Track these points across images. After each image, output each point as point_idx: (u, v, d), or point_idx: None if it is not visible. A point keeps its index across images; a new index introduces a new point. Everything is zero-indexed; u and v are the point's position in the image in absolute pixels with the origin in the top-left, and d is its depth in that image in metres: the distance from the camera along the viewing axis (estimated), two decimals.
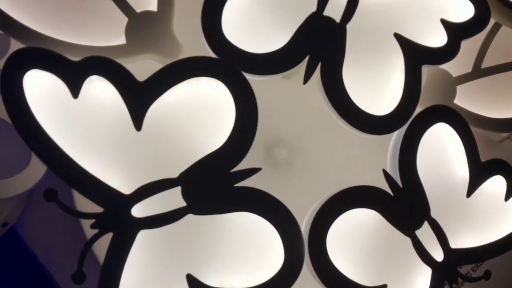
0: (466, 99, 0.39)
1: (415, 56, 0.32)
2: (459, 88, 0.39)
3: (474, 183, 0.34)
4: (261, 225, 0.29)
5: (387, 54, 0.32)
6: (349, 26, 0.32)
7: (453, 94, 0.38)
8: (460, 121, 0.33)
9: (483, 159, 0.39)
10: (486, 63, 0.40)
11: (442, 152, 0.33)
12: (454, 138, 0.33)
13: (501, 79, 0.40)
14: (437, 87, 0.38)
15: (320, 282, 0.29)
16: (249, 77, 0.30)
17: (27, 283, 0.43)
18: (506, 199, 0.35)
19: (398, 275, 0.31)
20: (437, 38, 0.33)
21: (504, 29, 0.40)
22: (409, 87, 0.32)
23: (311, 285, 0.30)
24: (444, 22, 0.33)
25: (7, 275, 0.42)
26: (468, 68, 0.39)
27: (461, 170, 0.34)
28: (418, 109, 0.33)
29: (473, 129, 0.39)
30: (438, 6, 0.34)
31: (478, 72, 0.39)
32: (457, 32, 0.33)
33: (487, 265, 0.46)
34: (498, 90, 0.40)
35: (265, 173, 0.31)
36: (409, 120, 0.32)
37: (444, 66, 0.38)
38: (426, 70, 0.35)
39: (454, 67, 0.39)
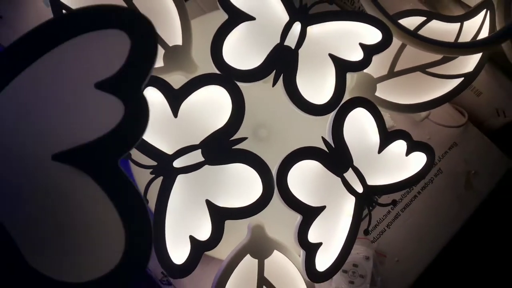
0: (385, 92, 0.59)
1: (342, 67, 0.52)
2: (379, 85, 0.58)
3: (383, 144, 0.53)
4: (249, 171, 0.50)
5: (324, 67, 0.52)
6: (301, 50, 0.52)
7: (374, 89, 0.58)
8: (372, 106, 0.53)
9: (412, 133, 0.59)
10: (398, 67, 0.59)
11: (361, 126, 0.53)
12: (369, 117, 0.53)
13: (409, 78, 0.60)
14: (363, 85, 0.58)
15: (284, 203, 0.49)
16: (240, 84, 0.50)
17: None
18: (407, 155, 0.55)
19: (333, 201, 0.51)
20: (357, 55, 0.53)
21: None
22: (338, 86, 0.52)
23: (280, 208, 0.50)
24: (361, 44, 0.53)
25: None
26: (385, 71, 0.59)
27: (374, 136, 0.53)
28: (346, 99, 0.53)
29: (391, 112, 0.59)
30: (358, 33, 0.53)
31: (392, 73, 0.59)
32: (369, 51, 0.53)
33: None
34: (407, 85, 0.59)
35: (252, 145, 0.51)
36: (338, 106, 0.52)
37: (367, 71, 0.58)
38: (353, 75, 0.55)
39: (375, 70, 0.59)
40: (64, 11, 0.51)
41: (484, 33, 0.61)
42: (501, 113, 0.68)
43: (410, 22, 0.60)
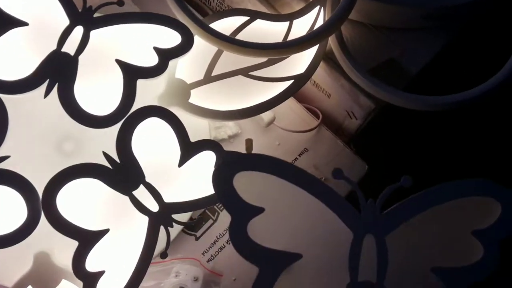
0: (201, 98, 0.54)
1: (131, 73, 0.47)
2: (194, 91, 0.54)
3: (184, 157, 0.49)
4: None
5: (111, 74, 0.47)
6: (82, 57, 0.47)
7: (187, 95, 0.53)
8: (170, 116, 0.48)
9: (259, 140, 0.54)
10: (216, 71, 0.55)
11: (156, 137, 0.48)
12: (166, 127, 0.48)
13: (229, 82, 0.55)
14: (174, 91, 0.53)
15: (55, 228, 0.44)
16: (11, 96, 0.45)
17: None
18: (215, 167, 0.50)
19: (120, 222, 0.47)
20: (151, 60, 0.48)
21: None
22: (125, 95, 0.47)
23: None
24: (156, 49, 0.48)
25: None
26: (201, 76, 0.54)
27: (174, 148, 0.49)
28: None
29: (211, 121, 0.54)
30: (152, 37, 0.49)
31: (209, 78, 0.54)
32: (165, 55, 0.48)
33: None
34: (227, 90, 0.55)
35: (56, 162, 0.48)
36: (125, 117, 0.47)
37: (180, 75, 0.53)
38: (159, 81, 0.50)
39: (190, 75, 0.54)
40: None
41: None
42: (352, 115, 0.64)
43: (232, 24, 0.55)
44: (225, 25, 0.54)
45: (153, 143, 0.48)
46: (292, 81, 0.56)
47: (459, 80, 0.64)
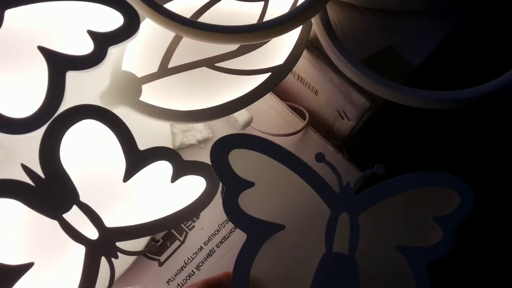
0: (154, 96, 0.44)
1: (58, 64, 0.37)
2: (146, 86, 0.44)
3: (131, 169, 0.39)
4: None
5: (32, 64, 0.37)
6: None
7: (138, 92, 0.43)
8: (111, 118, 0.38)
9: None
10: (174, 63, 0.45)
11: (93, 145, 0.38)
12: (106, 132, 0.38)
13: (191, 76, 0.45)
14: (121, 87, 0.43)
15: None
16: None
17: None
18: (173, 180, 0.40)
19: (46, 254, 0.37)
20: (85, 47, 0.38)
21: None
22: (51, 91, 0.37)
23: None
24: (91, 33, 0.38)
25: None
26: (155, 68, 0.44)
27: (117, 158, 0.39)
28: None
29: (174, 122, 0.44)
30: (86, 18, 0.39)
31: (164, 71, 0.44)
32: (102, 41, 0.38)
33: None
34: (188, 86, 0.45)
35: None
36: (50, 119, 0.37)
37: (129, 67, 0.44)
38: (91, 73, 0.40)
39: (141, 67, 0.44)
40: None
41: None
42: (344, 116, 0.54)
43: (193, 4, 0.45)
44: (184, 5, 0.44)
45: (89, 153, 0.38)
46: (269, 74, 0.46)
47: (469, 72, 0.54)
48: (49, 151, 0.36)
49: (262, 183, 0.36)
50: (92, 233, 0.37)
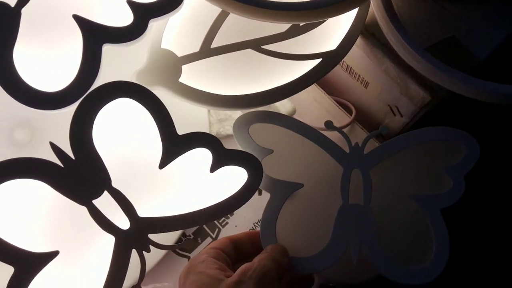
0: (195, 78, 0.40)
1: (94, 36, 0.34)
2: (186, 67, 0.40)
3: (168, 155, 0.35)
4: None
5: (66, 35, 0.34)
6: (25, 10, 0.34)
7: (178, 73, 0.40)
8: (149, 97, 0.35)
9: None
10: (217, 43, 0.41)
11: (130, 126, 0.35)
12: (143, 113, 0.35)
13: (235, 58, 0.41)
14: (160, 66, 0.39)
15: None
16: None
17: None
18: (212, 170, 0.37)
19: (72, 242, 0.33)
20: (124, 19, 0.35)
21: None
22: (85, 65, 0.34)
23: None
24: (131, 3, 0.35)
25: None
26: (197, 48, 0.41)
27: (154, 142, 0.35)
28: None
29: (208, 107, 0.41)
30: None
31: (207, 51, 0.40)
32: (143, 13, 0.35)
33: None
34: (231, 69, 0.41)
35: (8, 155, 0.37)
36: (83, 96, 0.33)
37: (168, 46, 0.40)
38: (129, 49, 0.37)
39: (181, 46, 0.40)
40: None
41: None
42: (396, 111, 0.49)
43: None
44: None
45: (124, 135, 0.35)
46: (320, 59, 0.42)
47: None
48: (81, 130, 0.33)
49: (280, 150, 0.40)
50: (123, 222, 0.34)
